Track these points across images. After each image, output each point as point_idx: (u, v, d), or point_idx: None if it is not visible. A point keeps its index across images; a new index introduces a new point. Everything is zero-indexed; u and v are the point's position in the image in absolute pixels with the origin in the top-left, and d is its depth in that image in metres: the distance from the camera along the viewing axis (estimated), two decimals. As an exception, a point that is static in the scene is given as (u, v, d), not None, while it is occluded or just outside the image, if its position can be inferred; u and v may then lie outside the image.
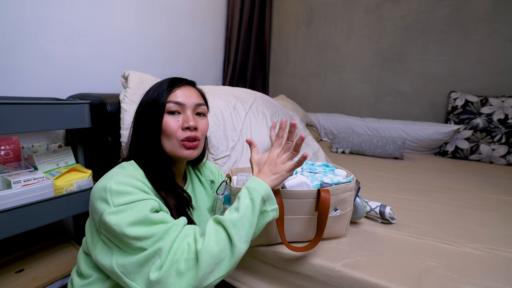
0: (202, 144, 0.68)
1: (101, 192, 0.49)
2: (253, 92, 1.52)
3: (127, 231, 0.46)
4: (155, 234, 0.47)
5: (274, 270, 0.76)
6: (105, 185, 0.50)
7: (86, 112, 0.93)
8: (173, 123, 0.60)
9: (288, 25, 2.78)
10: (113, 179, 0.51)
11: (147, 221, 0.48)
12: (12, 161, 0.94)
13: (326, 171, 0.86)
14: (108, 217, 0.47)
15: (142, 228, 0.47)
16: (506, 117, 1.85)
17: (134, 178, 0.54)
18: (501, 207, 1.11)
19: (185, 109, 0.62)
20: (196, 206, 0.73)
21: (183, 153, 0.61)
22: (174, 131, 0.60)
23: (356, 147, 2.02)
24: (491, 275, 0.66)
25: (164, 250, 0.47)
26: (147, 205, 0.49)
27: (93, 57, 1.28)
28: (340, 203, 0.75)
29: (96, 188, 0.52)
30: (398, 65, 2.31)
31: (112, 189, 0.49)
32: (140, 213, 0.48)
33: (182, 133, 0.61)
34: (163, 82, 0.64)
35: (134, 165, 0.59)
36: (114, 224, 0.46)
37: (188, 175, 0.76)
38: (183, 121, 0.61)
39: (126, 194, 0.49)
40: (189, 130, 0.61)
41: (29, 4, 1.03)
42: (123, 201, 0.48)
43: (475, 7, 1.99)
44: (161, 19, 1.62)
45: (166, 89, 0.61)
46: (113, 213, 0.47)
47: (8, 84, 1.01)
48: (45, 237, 1.06)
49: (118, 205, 0.48)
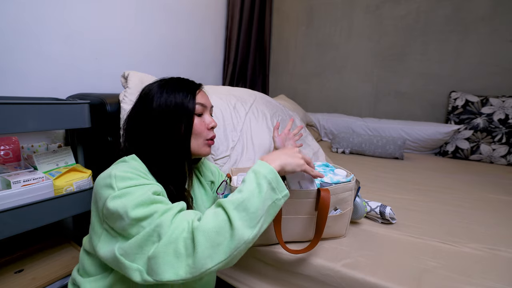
0: None
1: (106, 179, 0.51)
2: (253, 92, 1.52)
3: (131, 213, 0.46)
4: (155, 212, 0.48)
5: (274, 270, 0.76)
6: (110, 172, 0.52)
7: (86, 112, 0.93)
8: (200, 124, 0.65)
9: (288, 25, 2.78)
10: (117, 168, 0.53)
11: (149, 201, 0.49)
12: (12, 161, 0.94)
13: (326, 171, 0.85)
14: (113, 201, 0.48)
15: (144, 208, 0.48)
16: (506, 117, 1.85)
17: (137, 170, 0.55)
18: (501, 207, 1.11)
19: (206, 110, 0.68)
20: (195, 207, 0.73)
21: (206, 150, 0.68)
22: (202, 131, 0.65)
23: (356, 147, 2.02)
24: (491, 275, 0.66)
25: (163, 225, 0.46)
26: (150, 188, 0.51)
27: (93, 57, 1.28)
28: (340, 203, 0.75)
29: (100, 177, 0.54)
30: (398, 65, 2.31)
31: (116, 175, 0.51)
32: (143, 195, 0.49)
33: (208, 133, 0.67)
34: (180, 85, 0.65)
35: (136, 159, 0.60)
36: (119, 206, 0.47)
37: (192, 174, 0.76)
38: (208, 122, 0.67)
39: (129, 179, 0.51)
40: (212, 130, 0.68)
41: (29, 4, 1.03)
42: (128, 184, 0.50)
43: (475, 7, 1.99)
44: (161, 19, 1.62)
45: (189, 94, 0.64)
46: (118, 197, 0.48)
47: (8, 84, 1.01)
48: (45, 237, 1.06)
49: (123, 188, 0.49)
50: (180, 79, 0.67)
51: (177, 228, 0.46)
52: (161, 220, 0.47)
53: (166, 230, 0.46)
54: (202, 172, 0.81)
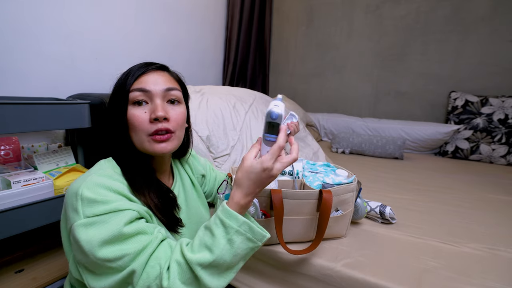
0: (180, 136, 0.58)
1: (73, 198, 0.44)
2: (253, 92, 1.52)
3: (97, 253, 0.41)
4: (127, 254, 0.43)
5: (275, 270, 0.76)
6: (77, 190, 0.44)
7: (86, 112, 0.93)
8: (139, 115, 0.52)
9: (288, 25, 2.78)
10: (87, 181, 0.45)
11: (120, 237, 0.43)
12: (12, 161, 0.94)
13: (327, 171, 0.86)
14: (77, 230, 0.42)
15: (114, 247, 0.42)
16: (506, 117, 1.85)
17: (110, 178, 0.48)
18: (501, 207, 1.11)
19: (153, 97, 0.53)
20: (186, 204, 0.67)
21: (154, 148, 0.53)
22: (140, 124, 0.52)
23: (356, 147, 2.02)
24: (491, 275, 0.66)
25: (137, 273, 0.43)
26: (123, 217, 0.44)
27: (93, 57, 1.28)
28: (341, 204, 0.75)
29: (68, 192, 0.47)
30: (398, 65, 2.31)
31: (83, 196, 0.43)
32: (113, 229, 0.42)
33: (150, 126, 0.52)
34: (131, 68, 0.56)
35: (111, 162, 0.54)
36: (83, 241, 0.41)
37: (177, 172, 0.70)
38: (150, 112, 0.52)
39: (98, 203, 0.43)
40: (158, 122, 0.52)
41: (29, 4, 1.03)
42: (95, 212, 0.43)
43: (475, 7, 1.99)
44: (161, 19, 1.62)
45: (132, 76, 0.53)
46: (83, 226, 0.42)
47: (8, 84, 1.01)
48: (45, 237, 1.06)
49: (89, 216, 0.43)
50: (141, 63, 0.58)
51: (150, 274, 0.44)
52: (135, 265, 0.43)
53: (138, 279, 0.43)
54: (191, 166, 0.75)
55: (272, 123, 0.51)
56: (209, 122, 1.14)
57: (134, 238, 0.45)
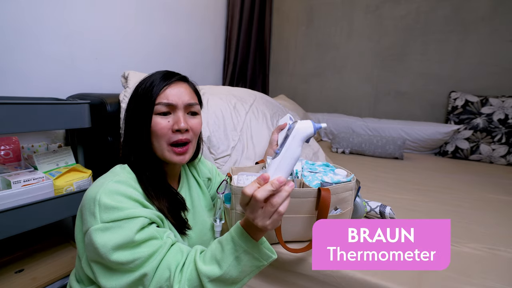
0: (195, 145, 0.64)
1: (91, 203, 0.48)
2: (253, 92, 1.52)
3: (111, 257, 0.45)
4: (139, 258, 0.46)
5: (274, 270, 0.76)
6: (95, 195, 0.47)
7: (86, 112, 0.93)
8: (163, 124, 0.56)
9: (288, 25, 2.78)
10: (103, 187, 0.49)
11: (132, 244, 0.46)
12: (12, 161, 0.94)
13: (326, 171, 0.86)
14: (94, 234, 0.45)
15: (126, 252, 0.46)
16: (506, 117, 1.85)
17: (126, 184, 0.52)
18: (501, 207, 1.11)
19: (176, 109, 0.58)
20: (192, 207, 0.69)
21: (173, 158, 0.58)
22: (164, 133, 0.56)
23: (356, 147, 2.02)
24: (491, 275, 0.66)
25: (148, 276, 0.47)
26: (135, 224, 0.47)
27: (93, 57, 1.28)
28: (340, 203, 0.75)
29: (86, 196, 0.50)
30: (398, 65, 2.31)
31: (101, 203, 0.46)
32: (126, 235, 0.46)
33: (173, 136, 0.57)
34: (154, 77, 0.59)
35: (126, 169, 0.57)
36: (99, 244, 0.45)
37: (184, 175, 0.72)
38: (173, 123, 0.57)
39: (115, 209, 0.47)
40: (180, 133, 0.57)
41: (29, 4, 1.03)
42: (111, 217, 0.46)
43: (475, 7, 1.99)
44: (161, 19, 1.62)
45: (156, 87, 0.57)
46: (100, 231, 0.45)
47: (8, 84, 1.01)
48: (45, 237, 1.06)
49: (106, 221, 0.46)
50: (163, 73, 0.60)
51: (161, 278, 0.47)
52: (147, 269, 0.47)
53: (150, 281, 0.47)
54: (198, 169, 0.78)
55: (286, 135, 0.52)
56: (209, 123, 1.14)
57: (145, 243, 0.48)
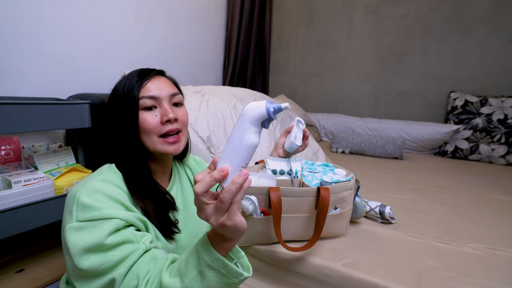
0: (186, 135, 0.64)
1: (70, 201, 0.47)
2: (253, 92, 1.52)
3: (80, 262, 0.43)
4: (107, 262, 0.44)
5: (274, 270, 0.77)
6: (75, 193, 0.47)
7: (86, 112, 0.93)
8: (152, 119, 0.56)
9: (288, 25, 2.78)
10: (85, 185, 0.48)
11: (102, 247, 0.44)
12: (13, 161, 0.94)
13: (325, 171, 0.86)
14: (67, 233, 0.45)
15: (94, 256, 0.44)
16: (505, 117, 1.85)
17: (109, 183, 0.51)
18: (501, 207, 1.11)
19: (161, 101, 0.58)
20: (184, 206, 0.67)
21: (166, 149, 0.57)
22: (154, 127, 0.56)
23: (356, 147, 2.02)
24: (491, 275, 0.66)
25: (116, 282, 0.45)
26: (108, 226, 0.45)
27: (93, 57, 1.28)
28: (339, 202, 0.75)
29: (68, 194, 0.50)
30: (398, 65, 2.31)
31: (79, 201, 0.46)
32: (97, 236, 0.44)
33: (163, 127, 0.57)
34: (131, 75, 0.59)
35: (113, 168, 0.56)
36: (71, 243, 0.44)
37: (176, 172, 0.70)
38: (161, 115, 0.57)
39: (91, 208, 0.45)
40: (169, 123, 0.57)
41: (29, 4, 1.03)
42: (86, 217, 0.45)
43: (475, 7, 1.99)
44: (161, 19, 1.62)
45: (136, 84, 0.57)
46: (73, 229, 0.45)
47: (8, 84, 1.01)
48: (45, 237, 1.06)
49: (81, 220, 0.45)
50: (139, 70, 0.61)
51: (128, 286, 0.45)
52: (113, 274, 0.44)
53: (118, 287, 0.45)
54: (192, 167, 0.76)
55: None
56: (209, 123, 1.14)
57: (117, 247, 0.46)
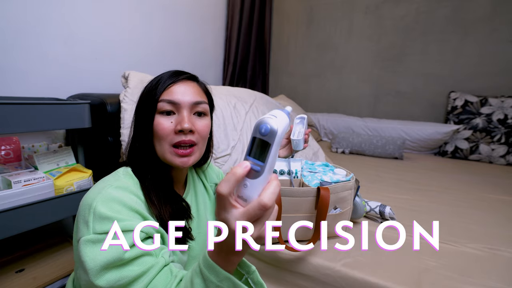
0: (203, 148, 0.59)
1: (86, 210, 0.44)
2: (253, 92, 1.52)
3: (96, 279, 0.40)
4: (124, 278, 0.41)
5: (274, 270, 0.76)
6: (91, 202, 0.44)
7: (86, 112, 0.93)
8: (165, 124, 0.52)
9: (288, 25, 2.78)
10: (102, 193, 0.45)
11: (120, 262, 0.41)
12: (13, 161, 0.94)
13: (325, 171, 0.86)
14: (83, 246, 0.41)
15: (112, 273, 0.41)
16: (505, 117, 1.85)
17: (126, 191, 0.48)
18: (501, 207, 1.11)
19: (180, 108, 0.53)
20: (197, 214, 0.65)
21: (174, 161, 0.53)
22: (165, 134, 0.52)
23: (356, 147, 2.02)
24: (491, 275, 0.66)
25: None
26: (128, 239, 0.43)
27: (93, 57, 1.28)
28: (339, 202, 0.75)
29: (83, 202, 0.46)
30: (398, 65, 2.31)
31: (96, 211, 0.43)
32: (115, 251, 0.41)
33: (175, 137, 0.52)
34: (161, 75, 0.56)
35: (129, 173, 0.53)
36: (88, 257, 0.40)
37: (191, 180, 0.68)
38: (176, 123, 0.53)
39: (109, 219, 0.42)
40: (183, 134, 0.53)
41: (29, 4, 1.03)
42: (104, 228, 0.42)
43: (475, 7, 1.99)
44: (161, 19, 1.62)
45: (162, 85, 0.54)
46: (91, 242, 0.41)
47: (8, 84, 1.01)
48: (45, 237, 1.06)
49: (98, 233, 0.42)
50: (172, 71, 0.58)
51: None
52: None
53: None
54: (207, 174, 0.74)
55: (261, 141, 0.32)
56: (209, 122, 1.14)
57: (136, 261, 0.43)
